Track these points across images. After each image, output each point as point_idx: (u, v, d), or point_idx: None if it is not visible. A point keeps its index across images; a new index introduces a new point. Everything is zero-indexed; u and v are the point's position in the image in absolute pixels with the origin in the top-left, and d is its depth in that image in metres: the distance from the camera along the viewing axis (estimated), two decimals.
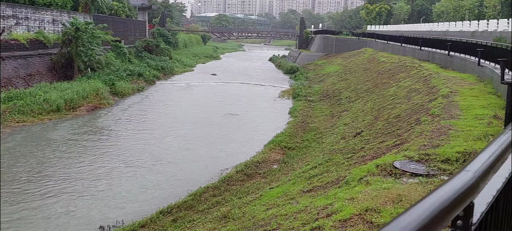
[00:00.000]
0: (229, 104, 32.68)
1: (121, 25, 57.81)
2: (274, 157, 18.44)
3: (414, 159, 7.91)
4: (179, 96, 35.46)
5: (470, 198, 1.37)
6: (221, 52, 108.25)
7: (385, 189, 6.12)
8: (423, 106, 16.29)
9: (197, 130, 23.79)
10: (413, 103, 18.52)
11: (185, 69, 57.08)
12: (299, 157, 17.86)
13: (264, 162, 17.53)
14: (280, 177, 14.87)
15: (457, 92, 16.88)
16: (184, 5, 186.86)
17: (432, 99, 17.02)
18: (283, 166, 16.93)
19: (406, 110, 17.45)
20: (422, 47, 34.89)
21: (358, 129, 18.68)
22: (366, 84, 33.84)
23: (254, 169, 16.58)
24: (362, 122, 20.48)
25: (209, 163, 17.86)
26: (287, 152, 19.30)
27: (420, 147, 8.93)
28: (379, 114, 20.14)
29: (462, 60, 25.20)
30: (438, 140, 9.18)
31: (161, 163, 18.03)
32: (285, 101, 35.64)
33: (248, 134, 23.63)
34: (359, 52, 55.54)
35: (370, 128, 17.57)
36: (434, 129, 10.50)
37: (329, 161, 13.42)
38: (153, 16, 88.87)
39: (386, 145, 11.61)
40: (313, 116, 28.27)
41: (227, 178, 15.35)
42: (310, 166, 13.98)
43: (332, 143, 18.46)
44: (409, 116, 15.81)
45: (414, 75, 27.39)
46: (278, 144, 20.29)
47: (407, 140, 10.69)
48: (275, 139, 21.22)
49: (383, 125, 16.51)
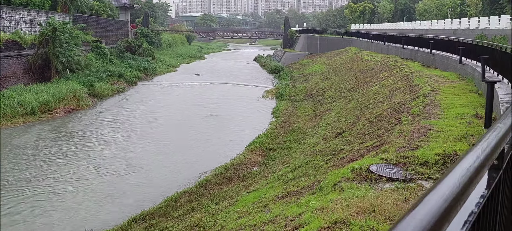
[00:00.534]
0: (211, 105, 32.15)
1: (102, 25, 56.81)
2: (254, 159, 18.02)
3: (391, 162, 7.55)
4: (160, 98, 34.81)
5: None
6: (206, 52, 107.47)
7: (358, 198, 5.73)
8: (405, 106, 16.02)
9: (176, 133, 23.18)
10: (395, 102, 18.27)
11: (168, 69, 56.34)
12: (280, 158, 17.46)
13: (244, 164, 17.09)
14: (259, 180, 14.44)
15: (438, 91, 16.65)
16: (168, 5, 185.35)
17: (414, 98, 16.77)
18: (263, 168, 16.51)
19: (388, 109, 17.17)
20: (404, 45, 34.82)
21: (340, 129, 18.36)
22: (349, 83, 33.64)
23: (234, 171, 16.14)
24: (344, 121, 20.18)
25: (187, 167, 17.32)
26: (268, 153, 18.89)
27: (399, 148, 8.59)
28: (361, 114, 19.86)
29: (444, 58, 25.09)
30: (417, 141, 8.84)
31: (135, 168, 17.32)
32: (268, 102, 35.25)
33: (229, 135, 23.16)
34: (343, 51, 55.47)
35: (352, 128, 17.26)
36: (414, 129, 10.18)
37: (308, 163, 13.04)
38: (136, 16, 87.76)
39: (365, 146, 11.26)
40: (296, 115, 27.93)
41: (205, 182, 14.88)
42: (290, 168, 13.58)
43: (313, 143, 18.10)
44: (390, 115, 15.52)
45: (397, 74, 27.24)
46: (259, 145, 19.87)
47: (387, 141, 10.36)
48: (256, 140, 20.80)
49: (364, 124, 16.20)
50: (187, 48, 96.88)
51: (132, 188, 15.02)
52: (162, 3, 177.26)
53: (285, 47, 79.05)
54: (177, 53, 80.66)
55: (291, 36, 78.48)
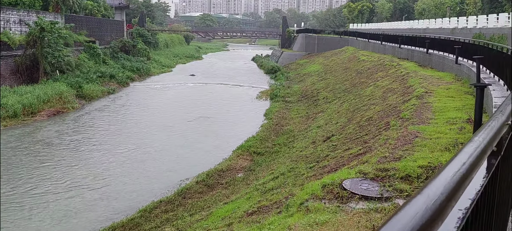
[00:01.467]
0: (202, 107, 31.36)
1: (96, 25, 56.01)
2: (240, 164, 17.23)
3: (369, 175, 6.75)
4: (151, 99, 34.01)
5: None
6: (204, 52, 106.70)
7: (319, 225, 4.94)
8: (396, 108, 15.22)
9: (161, 137, 22.29)
10: (387, 104, 17.48)
11: (163, 70, 55.55)
12: (267, 163, 16.67)
13: (229, 170, 16.30)
14: (241, 187, 13.67)
15: (432, 93, 15.85)
16: (167, 5, 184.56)
17: (406, 100, 15.98)
18: (248, 174, 15.73)
19: (379, 112, 16.38)
20: (401, 45, 34.00)
21: (329, 133, 17.57)
22: (344, 84, 32.85)
23: (217, 178, 15.35)
24: (335, 124, 19.38)
25: (168, 174, 16.51)
26: (255, 158, 18.11)
27: (381, 159, 7.81)
28: (353, 116, 19.07)
29: (441, 58, 24.28)
30: (401, 150, 8.06)
31: (111, 177, 16.34)
32: (262, 103, 34.47)
33: (218, 139, 22.37)
34: (340, 51, 54.67)
35: (341, 131, 16.47)
36: (400, 136, 9.39)
37: (291, 171, 12.25)
38: (133, 16, 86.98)
39: (350, 154, 10.48)
40: (288, 117, 27.14)
41: (185, 190, 14.09)
42: (272, 175, 12.80)
43: (301, 148, 17.31)
44: (380, 118, 14.72)
45: (392, 75, 26.46)
46: (247, 149, 19.09)
47: (371, 149, 9.57)
48: (244, 144, 20.01)
49: (354, 129, 15.41)
50: (184, 48, 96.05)
51: (106, 199, 14.15)
52: (161, 3, 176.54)
53: (283, 47, 78.19)
54: (174, 53, 79.85)
55: (289, 36, 77.61)
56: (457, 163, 1.50)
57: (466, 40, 21.21)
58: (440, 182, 1.29)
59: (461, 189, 1.41)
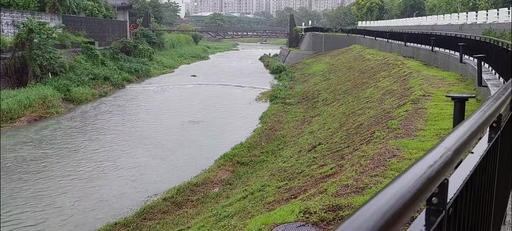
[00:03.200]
0: (196, 110, 29.87)
1: (96, 26, 55.00)
2: (219, 177, 15.66)
3: (312, 218, 5.15)
4: (143, 102, 32.60)
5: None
6: (211, 52, 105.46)
7: None
8: (388, 115, 13.51)
9: (140, 145, 20.65)
10: (382, 109, 15.75)
11: (164, 71, 54.28)
12: (247, 176, 15.08)
13: (204, 184, 14.75)
14: (210, 206, 12.11)
15: (430, 96, 14.09)
16: (177, 4, 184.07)
17: (401, 105, 14.25)
18: (225, 189, 14.15)
19: (371, 118, 14.67)
20: (407, 42, 32.08)
21: (317, 141, 15.91)
22: (346, 84, 31.09)
23: (188, 194, 13.81)
24: (327, 130, 17.70)
25: (136, 189, 14.97)
26: (237, 169, 16.52)
27: (341, 188, 6.22)
28: (346, 122, 17.38)
29: (446, 57, 22.42)
30: (369, 176, 6.45)
31: (67, 195, 14.58)
32: (261, 105, 32.87)
33: (203, 146, 20.80)
34: (347, 50, 52.81)
35: (329, 139, 14.80)
36: (376, 154, 7.76)
37: (262, 190, 10.67)
38: (139, 16, 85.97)
39: (321, 172, 8.89)
40: (284, 121, 25.49)
41: (148, 209, 12.57)
42: (242, 195, 11.26)
43: (287, 157, 15.69)
44: (369, 126, 13.04)
45: (394, 75, 24.67)
46: (231, 159, 17.52)
47: (342, 168, 7.98)
48: (229, 153, 18.44)
49: (341, 137, 13.74)
50: (191, 48, 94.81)
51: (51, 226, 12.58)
52: (171, 3, 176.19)
53: (291, 46, 76.47)
54: (179, 53, 78.64)
55: (297, 34, 75.81)
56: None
57: (471, 37, 19.32)
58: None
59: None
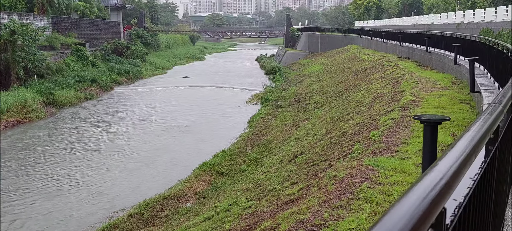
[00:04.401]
0: (183, 114, 28.80)
1: (88, 27, 53.98)
2: (195, 188, 14.58)
3: None
4: (129, 105, 31.50)
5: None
6: (208, 52, 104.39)
7: None
8: (374, 122, 12.44)
9: (115, 153, 19.40)
10: (369, 115, 14.68)
11: (157, 72, 53.20)
12: (224, 189, 14.02)
13: (177, 197, 13.67)
14: (178, 224, 11.05)
15: (420, 102, 13.01)
16: (175, 5, 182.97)
17: (389, 111, 13.18)
18: (197, 203, 13.08)
19: (357, 125, 13.60)
20: (402, 43, 30.99)
21: (300, 149, 14.84)
22: (339, 86, 30.02)
23: (158, 209, 12.73)
24: (313, 137, 16.63)
25: (103, 203, 13.87)
26: (216, 179, 15.45)
27: (295, 225, 5.15)
28: (332, 128, 16.31)
29: (441, 57, 21.34)
30: (331, 209, 5.41)
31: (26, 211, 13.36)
32: (251, 107, 31.80)
33: (184, 153, 19.71)
34: (343, 50, 51.76)
35: (311, 149, 13.74)
36: (347, 175, 6.71)
37: (229, 209, 9.63)
38: (135, 16, 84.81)
39: (289, 194, 7.85)
40: (272, 125, 24.41)
41: (109, 228, 11.49)
42: (207, 215, 10.18)
43: (267, 168, 14.62)
44: (353, 135, 11.98)
45: (387, 76, 23.61)
46: (210, 168, 16.44)
47: (309, 192, 6.90)
48: (209, 161, 17.37)
49: (323, 147, 12.68)
50: (188, 49, 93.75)
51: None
52: (169, 4, 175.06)
53: (287, 46, 75.39)
54: (174, 54, 77.59)
55: (293, 34, 74.72)
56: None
57: (466, 37, 18.23)
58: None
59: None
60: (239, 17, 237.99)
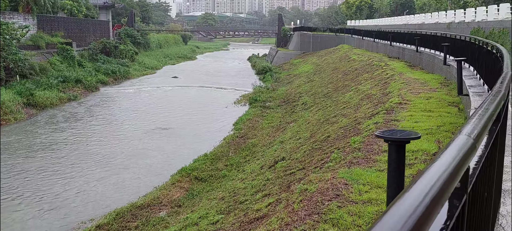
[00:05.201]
0: (168, 115, 28.01)
1: (75, 26, 52.98)
2: (171, 196, 13.82)
3: None
4: (113, 107, 30.63)
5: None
6: (200, 52, 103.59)
7: None
8: (358, 126, 11.75)
9: (91, 157, 18.53)
10: (355, 118, 14.01)
11: (145, 72, 52.30)
12: (200, 196, 13.28)
13: (151, 206, 12.91)
14: None
15: (407, 104, 12.34)
16: (168, 4, 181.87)
17: (374, 114, 12.50)
18: (172, 212, 12.33)
19: (341, 129, 12.91)
20: (392, 42, 30.39)
21: (283, 154, 14.14)
22: (328, 87, 29.37)
23: (128, 219, 11.96)
24: (296, 141, 15.94)
25: (68, 214, 13.04)
26: (194, 186, 14.70)
27: None
28: (317, 131, 15.62)
29: (431, 58, 20.72)
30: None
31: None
32: (239, 108, 31.06)
33: (164, 158, 18.92)
34: (335, 50, 51.18)
35: (292, 154, 13.04)
36: (319, 190, 6.02)
37: (197, 223, 8.88)
38: (125, 15, 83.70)
39: (256, 210, 7.13)
40: (258, 127, 23.69)
41: None
42: (175, 228, 9.42)
43: (247, 173, 13.90)
44: (335, 140, 11.29)
45: (377, 77, 22.99)
46: (189, 174, 15.69)
47: (276, 209, 6.19)
48: (189, 166, 16.61)
49: (303, 153, 11.98)
50: (179, 49, 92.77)
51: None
52: (161, 3, 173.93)
53: (279, 46, 74.73)
54: (165, 54, 76.65)
55: (285, 34, 74.07)
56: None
57: (456, 36, 17.61)
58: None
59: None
60: (232, 16, 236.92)
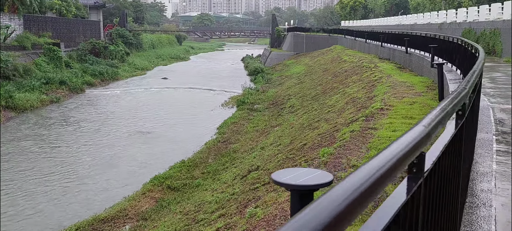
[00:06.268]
0: (151, 118, 27.16)
1: (63, 26, 51.99)
2: (140, 207, 12.97)
3: None
4: (96, 109, 29.71)
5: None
6: (194, 52, 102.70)
7: None
8: (335, 133, 10.95)
9: (65, 163, 17.60)
10: (335, 123, 13.21)
11: (135, 73, 51.38)
12: (169, 208, 12.43)
13: (115, 219, 12.06)
14: None
15: (388, 110, 11.54)
16: (163, 4, 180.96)
17: (354, 120, 11.71)
18: (137, 226, 11.48)
19: (318, 136, 12.11)
20: (383, 43, 29.62)
21: (259, 162, 13.32)
22: (317, 89, 28.59)
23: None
24: (276, 147, 15.13)
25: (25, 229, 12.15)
26: (166, 196, 13.85)
27: None
28: (297, 137, 14.81)
29: (420, 59, 19.95)
30: None
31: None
32: (225, 111, 30.23)
33: (138, 165, 18.03)
34: (328, 51, 50.46)
35: (268, 163, 12.22)
36: (265, 219, 5.19)
37: None
38: (118, 15, 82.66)
39: None
40: (243, 131, 22.86)
41: None
42: None
43: (221, 183, 13.08)
44: (309, 149, 10.51)
45: (365, 79, 22.23)
46: (162, 182, 14.84)
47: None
48: (163, 174, 15.76)
49: (277, 162, 11.18)
50: (173, 49, 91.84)
51: None
52: (157, 3, 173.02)
53: (273, 47, 73.92)
54: (158, 54, 75.73)
55: (279, 35, 73.27)
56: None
57: (445, 37, 16.82)
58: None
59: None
60: (228, 17, 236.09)
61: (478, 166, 4.72)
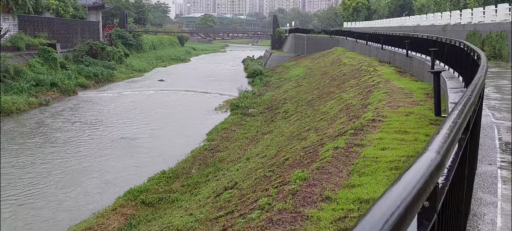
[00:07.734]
0: (139, 123, 26.02)
1: (60, 27, 51.01)
2: (108, 225, 11.80)
3: None
4: (82, 113, 28.55)
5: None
6: (196, 54, 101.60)
7: None
8: (319, 148, 9.73)
9: (32, 173, 16.38)
10: (323, 135, 11.98)
11: (132, 75, 50.31)
12: (139, 228, 11.25)
13: None
14: None
15: (380, 122, 10.30)
16: (167, 5, 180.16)
17: (341, 133, 10.47)
18: None
19: (303, 149, 10.89)
20: (384, 46, 28.34)
21: (239, 177, 12.11)
22: (313, 93, 27.37)
23: None
24: (260, 159, 13.92)
25: None
26: (139, 212, 12.66)
27: None
28: (283, 149, 13.59)
29: (421, 63, 18.69)
30: None
31: None
32: (218, 116, 29.03)
33: (114, 176, 16.84)
34: (329, 53, 49.22)
35: (246, 179, 11.01)
36: None
37: None
38: (119, 16, 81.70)
39: None
40: (233, 138, 21.65)
41: None
42: None
43: (197, 200, 11.89)
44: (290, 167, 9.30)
45: (362, 84, 20.98)
46: (136, 196, 13.65)
47: None
48: (139, 187, 14.57)
49: (254, 180, 9.98)
50: (174, 50, 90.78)
51: None
52: (160, 4, 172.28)
53: (274, 48, 72.71)
54: (158, 56, 74.70)
55: (280, 36, 72.05)
56: None
57: (447, 40, 15.55)
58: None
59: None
60: (232, 18, 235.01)
61: (476, 220, 3.39)
